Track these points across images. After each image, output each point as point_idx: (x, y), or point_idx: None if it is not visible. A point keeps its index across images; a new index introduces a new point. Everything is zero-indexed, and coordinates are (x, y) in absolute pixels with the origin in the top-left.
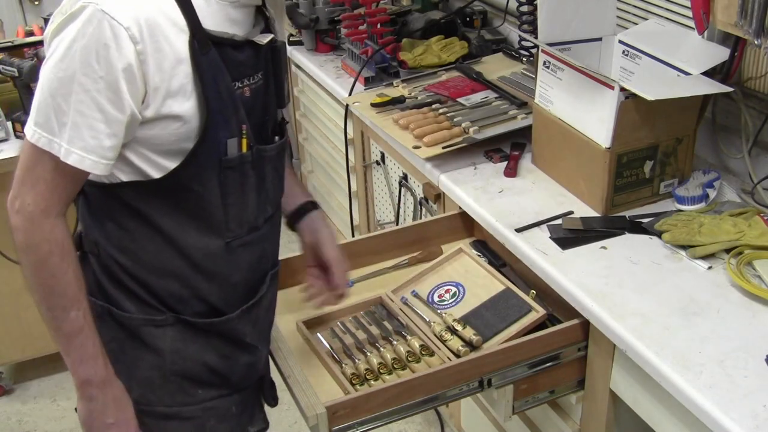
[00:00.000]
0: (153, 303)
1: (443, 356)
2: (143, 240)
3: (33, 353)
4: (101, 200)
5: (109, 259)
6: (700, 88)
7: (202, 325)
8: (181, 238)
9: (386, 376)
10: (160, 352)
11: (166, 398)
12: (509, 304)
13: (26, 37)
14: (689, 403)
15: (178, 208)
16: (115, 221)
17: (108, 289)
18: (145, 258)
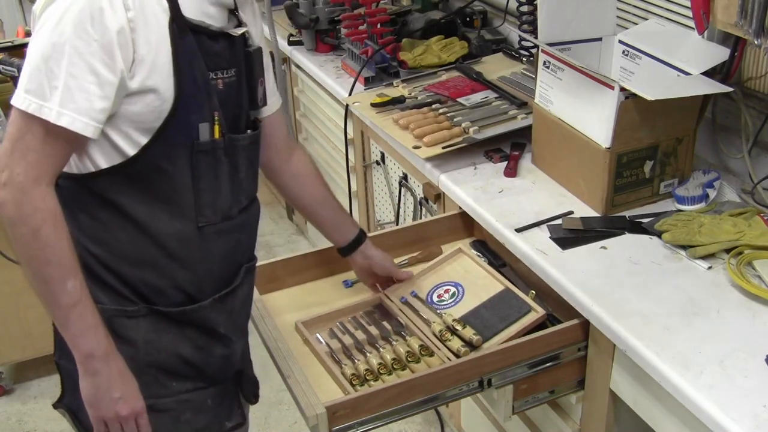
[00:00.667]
0: (126, 294)
1: (443, 356)
2: (116, 230)
3: (33, 353)
4: (73, 192)
5: (82, 250)
6: (700, 88)
7: (175, 314)
8: (153, 225)
9: (386, 377)
10: (133, 343)
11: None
12: (509, 305)
13: (26, 37)
14: (689, 403)
15: (149, 194)
16: (88, 213)
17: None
18: (119, 248)
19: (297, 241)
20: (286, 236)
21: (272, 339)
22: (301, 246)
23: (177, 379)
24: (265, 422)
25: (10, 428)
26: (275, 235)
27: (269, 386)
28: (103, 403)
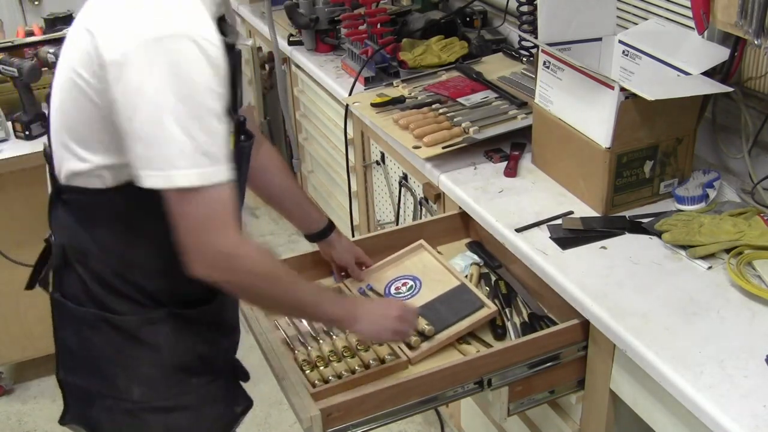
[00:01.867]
0: (146, 302)
1: (394, 345)
2: (134, 242)
3: (33, 353)
4: (92, 208)
5: (99, 265)
6: (700, 88)
7: (192, 314)
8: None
9: (336, 364)
10: (158, 348)
11: (165, 392)
12: (462, 299)
13: (26, 37)
14: (689, 403)
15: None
16: (107, 227)
17: (100, 295)
18: (137, 260)
19: (297, 241)
20: (286, 236)
21: (266, 341)
22: (301, 246)
23: (195, 375)
24: (265, 422)
25: (10, 428)
26: (275, 235)
27: (269, 386)
28: (384, 323)
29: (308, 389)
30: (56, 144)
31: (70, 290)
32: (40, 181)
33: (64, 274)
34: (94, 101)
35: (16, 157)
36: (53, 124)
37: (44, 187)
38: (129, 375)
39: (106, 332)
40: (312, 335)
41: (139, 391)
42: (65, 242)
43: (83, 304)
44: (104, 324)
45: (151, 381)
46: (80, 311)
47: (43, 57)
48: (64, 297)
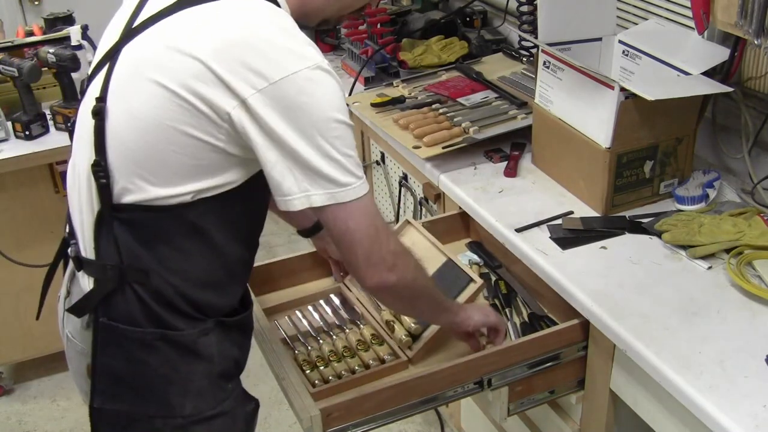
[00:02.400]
0: (197, 315)
1: (393, 345)
2: (197, 257)
3: (33, 353)
4: (156, 225)
5: (161, 283)
6: (700, 88)
7: (232, 323)
8: (227, 251)
9: (336, 364)
10: (211, 359)
11: (212, 401)
12: (452, 277)
13: (26, 37)
14: (689, 403)
15: (231, 220)
16: (169, 243)
17: (160, 313)
18: (195, 275)
19: (297, 241)
20: (286, 236)
21: (267, 341)
22: (301, 246)
23: (230, 380)
24: (265, 422)
25: (10, 428)
26: (276, 235)
27: (269, 386)
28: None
29: (308, 389)
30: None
31: (123, 312)
32: (40, 181)
33: (116, 297)
34: (204, 142)
35: (16, 157)
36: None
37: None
38: (183, 390)
39: (163, 351)
40: (312, 335)
41: (191, 405)
42: (122, 263)
43: (140, 324)
44: (162, 343)
45: (202, 393)
46: (136, 333)
47: (43, 57)
48: (114, 320)
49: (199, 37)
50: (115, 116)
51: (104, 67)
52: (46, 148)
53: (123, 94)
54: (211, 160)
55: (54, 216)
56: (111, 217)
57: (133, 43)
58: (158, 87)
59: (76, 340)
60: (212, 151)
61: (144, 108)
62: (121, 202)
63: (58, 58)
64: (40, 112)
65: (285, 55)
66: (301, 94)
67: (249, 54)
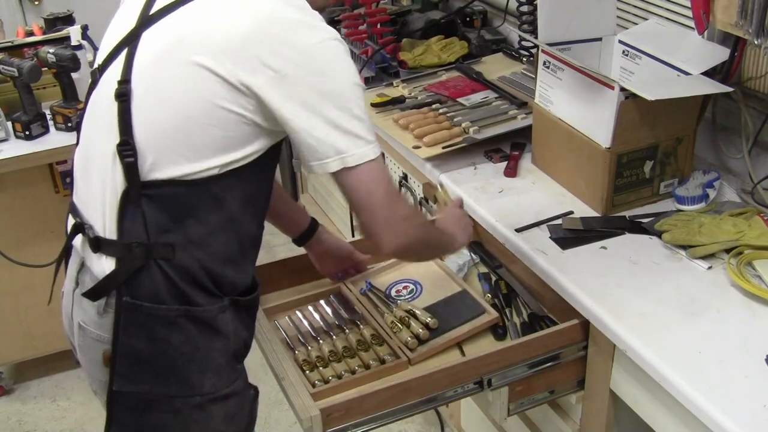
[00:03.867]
0: (216, 292)
1: (394, 346)
2: (219, 231)
3: (33, 353)
4: (185, 199)
5: (186, 258)
6: (700, 88)
7: (245, 302)
8: (243, 225)
9: (336, 364)
10: (228, 336)
11: (227, 379)
12: (464, 305)
13: (26, 37)
14: (689, 403)
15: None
16: (195, 217)
17: (184, 290)
18: (217, 249)
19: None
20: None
21: (267, 341)
22: None
23: (240, 360)
24: (265, 422)
25: (10, 428)
26: (276, 235)
27: (269, 386)
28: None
29: (308, 389)
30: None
31: (147, 290)
32: (40, 180)
33: (141, 275)
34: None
35: (16, 157)
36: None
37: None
38: (204, 368)
39: (185, 328)
40: (312, 335)
41: (210, 383)
42: (149, 240)
43: (163, 301)
44: (185, 319)
45: (219, 371)
46: (160, 310)
47: (43, 57)
48: (138, 299)
49: (224, 22)
50: (141, 96)
51: (121, 53)
52: (46, 148)
53: (150, 74)
54: (242, 132)
55: (54, 216)
56: (138, 195)
57: (155, 28)
58: (191, 65)
59: (91, 327)
60: (243, 123)
61: (176, 86)
62: (150, 179)
63: (58, 58)
64: (40, 112)
65: (306, 29)
66: (327, 62)
67: (276, 31)
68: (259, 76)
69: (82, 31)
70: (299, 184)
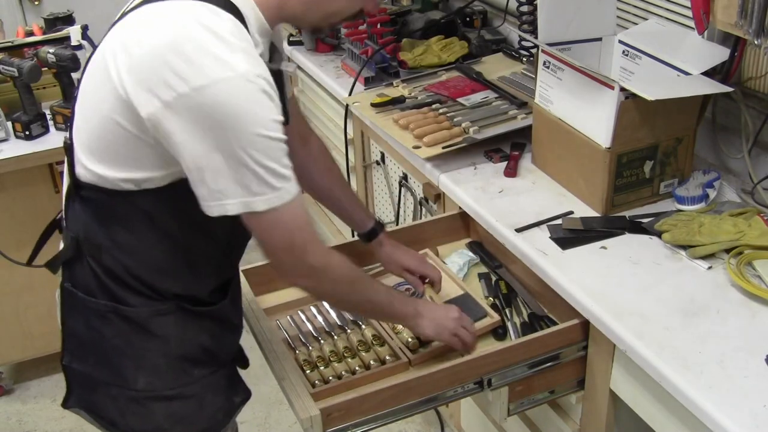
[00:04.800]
0: (155, 296)
1: (395, 346)
2: (150, 242)
3: (33, 353)
4: (112, 206)
5: (112, 261)
6: (700, 88)
7: (199, 311)
8: (185, 242)
9: (336, 364)
10: (166, 339)
11: (170, 381)
12: (466, 308)
13: (26, 37)
14: (689, 403)
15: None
16: (123, 225)
17: (112, 288)
18: (149, 259)
19: None
20: None
21: (267, 341)
22: None
23: (198, 366)
24: (265, 422)
25: (10, 428)
26: None
27: (269, 386)
28: (444, 323)
29: (308, 389)
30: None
31: (82, 281)
32: (40, 181)
33: (76, 265)
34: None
35: (16, 157)
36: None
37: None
38: (136, 365)
39: (116, 323)
40: (313, 335)
41: (144, 380)
42: (80, 235)
43: (94, 295)
44: (114, 315)
45: (157, 371)
46: (91, 302)
47: (43, 57)
48: (75, 287)
49: (138, 36)
50: (80, 98)
51: None
52: (46, 148)
53: (88, 78)
54: (143, 153)
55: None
56: (75, 192)
57: (113, 29)
58: (107, 76)
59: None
60: (143, 146)
61: (94, 93)
62: (80, 179)
63: (58, 58)
64: (40, 112)
65: (209, 62)
66: (221, 104)
67: (173, 59)
68: (144, 103)
69: (82, 31)
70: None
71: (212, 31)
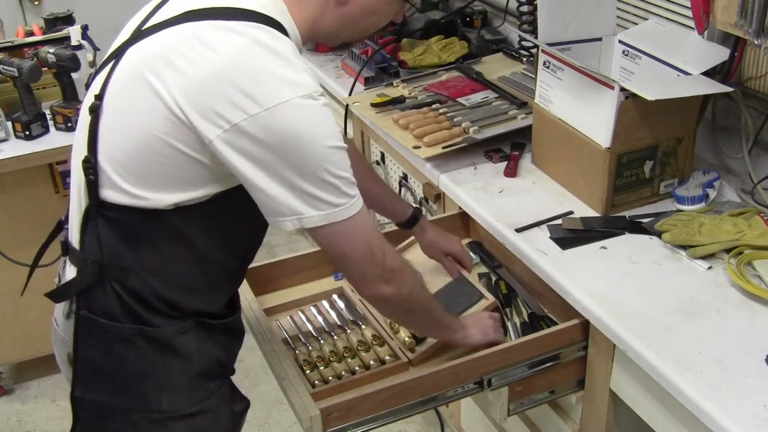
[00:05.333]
0: (174, 314)
1: (394, 346)
2: (178, 262)
3: (33, 353)
4: (141, 226)
5: (139, 283)
6: (700, 88)
7: (216, 325)
8: (212, 259)
9: (336, 364)
10: (189, 357)
11: (190, 399)
12: (462, 292)
13: (26, 37)
14: (689, 403)
15: (217, 229)
16: (152, 245)
17: (137, 311)
18: (176, 279)
19: (297, 241)
20: (286, 236)
21: (267, 341)
22: (301, 246)
23: (213, 380)
24: (265, 422)
25: (10, 428)
26: (275, 235)
27: (269, 386)
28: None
29: (308, 389)
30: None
31: (103, 307)
32: (40, 181)
33: (96, 291)
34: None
35: (16, 157)
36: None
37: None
38: (160, 386)
39: (140, 346)
40: (313, 335)
41: (167, 401)
42: (103, 259)
43: (118, 320)
44: (140, 338)
45: (180, 390)
46: (114, 327)
47: (43, 57)
48: (94, 314)
49: (194, 56)
50: (108, 115)
51: (108, 66)
52: (46, 148)
53: (119, 94)
54: (194, 173)
55: (54, 216)
56: (97, 213)
57: (138, 45)
58: (152, 95)
59: (59, 327)
60: (197, 166)
61: (135, 113)
62: (108, 200)
63: (58, 58)
64: (40, 112)
65: (276, 83)
66: (292, 124)
67: (240, 80)
68: (210, 125)
69: (82, 31)
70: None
71: (274, 51)
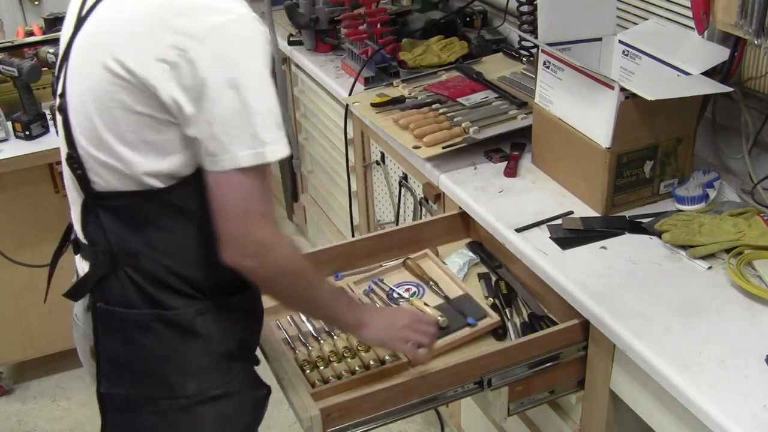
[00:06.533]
0: (195, 294)
1: None
2: (184, 237)
3: (33, 353)
4: (141, 208)
5: (152, 264)
6: (700, 88)
7: (234, 302)
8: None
9: (336, 364)
10: (209, 338)
11: (216, 381)
12: (466, 308)
13: (26, 37)
14: (689, 403)
15: None
16: (156, 225)
17: (153, 294)
18: (185, 254)
19: (296, 240)
20: None
21: (267, 341)
22: (300, 246)
23: (236, 361)
24: (265, 422)
25: (10, 428)
26: None
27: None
28: (393, 332)
29: (308, 389)
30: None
31: (118, 296)
32: (40, 181)
33: (110, 281)
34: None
35: (16, 157)
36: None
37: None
38: (183, 370)
39: (159, 331)
40: (313, 335)
41: (192, 384)
42: (112, 248)
43: (135, 306)
44: (157, 323)
45: (204, 372)
46: (132, 315)
47: (43, 57)
48: (110, 304)
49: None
50: (75, 109)
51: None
52: (46, 148)
53: (76, 84)
54: (167, 137)
55: (54, 216)
56: (94, 205)
57: (81, 33)
58: (100, 68)
59: (80, 322)
60: (160, 125)
61: (91, 92)
62: (102, 190)
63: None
64: (40, 112)
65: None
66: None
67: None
68: (152, 71)
69: None
70: (299, 183)
71: None
